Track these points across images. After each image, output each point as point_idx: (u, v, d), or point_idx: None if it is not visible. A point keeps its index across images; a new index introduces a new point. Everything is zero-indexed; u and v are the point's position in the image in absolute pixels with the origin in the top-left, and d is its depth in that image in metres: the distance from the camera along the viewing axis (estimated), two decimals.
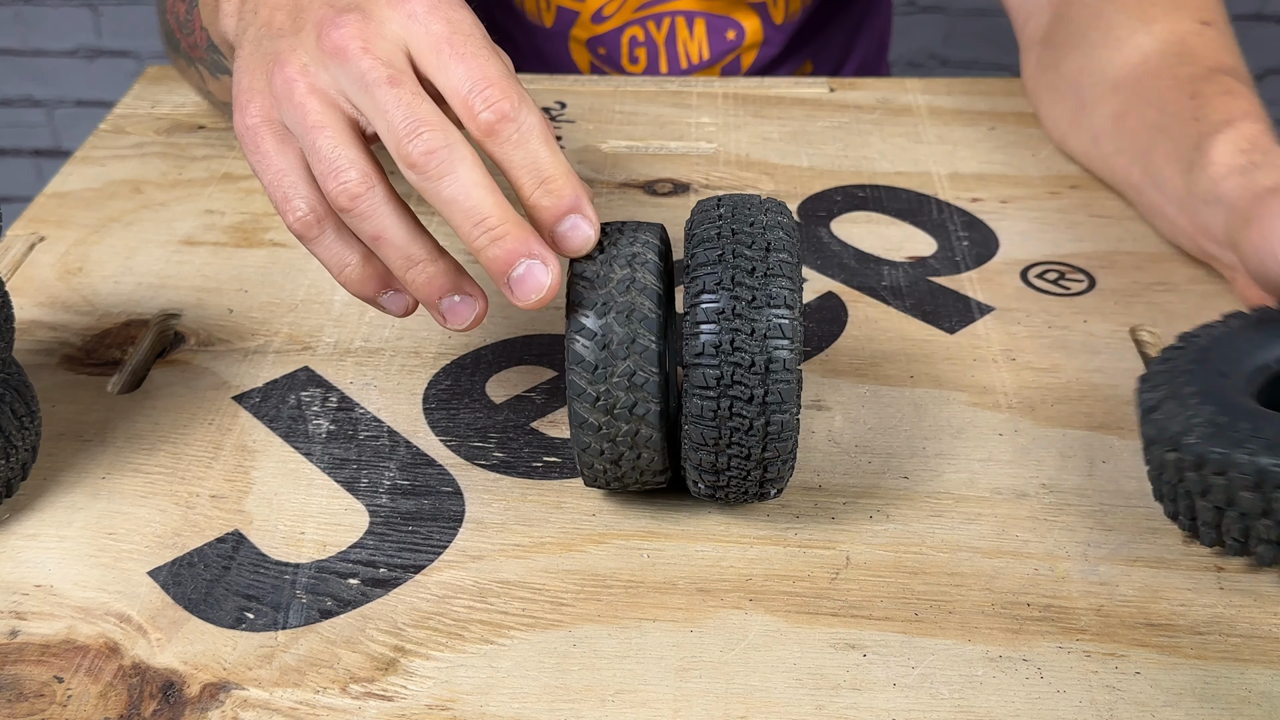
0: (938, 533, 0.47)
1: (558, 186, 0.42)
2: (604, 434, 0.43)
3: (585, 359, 0.42)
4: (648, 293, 0.42)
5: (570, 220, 0.42)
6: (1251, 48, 2.03)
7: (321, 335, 0.58)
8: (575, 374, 0.42)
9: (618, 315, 0.42)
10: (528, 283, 0.42)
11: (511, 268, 0.42)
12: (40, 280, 0.61)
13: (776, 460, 0.43)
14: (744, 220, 0.44)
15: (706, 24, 0.91)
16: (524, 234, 0.42)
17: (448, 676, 0.41)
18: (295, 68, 0.44)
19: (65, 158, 0.99)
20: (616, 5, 0.90)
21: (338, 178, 0.43)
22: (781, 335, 0.42)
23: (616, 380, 0.42)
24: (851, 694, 0.41)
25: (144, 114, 0.78)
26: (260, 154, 0.45)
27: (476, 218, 0.41)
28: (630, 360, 0.42)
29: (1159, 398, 0.45)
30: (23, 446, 0.47)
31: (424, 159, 0.41)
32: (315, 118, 0.43)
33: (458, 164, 0.41)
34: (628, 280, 0.42)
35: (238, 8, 0.51)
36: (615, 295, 0.42)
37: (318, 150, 0.43)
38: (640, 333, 0.42)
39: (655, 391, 0.42)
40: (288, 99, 0.44)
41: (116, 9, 1.90)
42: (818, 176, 0.70)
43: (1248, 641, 0.43)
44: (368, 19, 0.43)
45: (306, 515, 0.48)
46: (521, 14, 0.94)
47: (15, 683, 0.41)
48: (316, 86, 0.44)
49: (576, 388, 0.42)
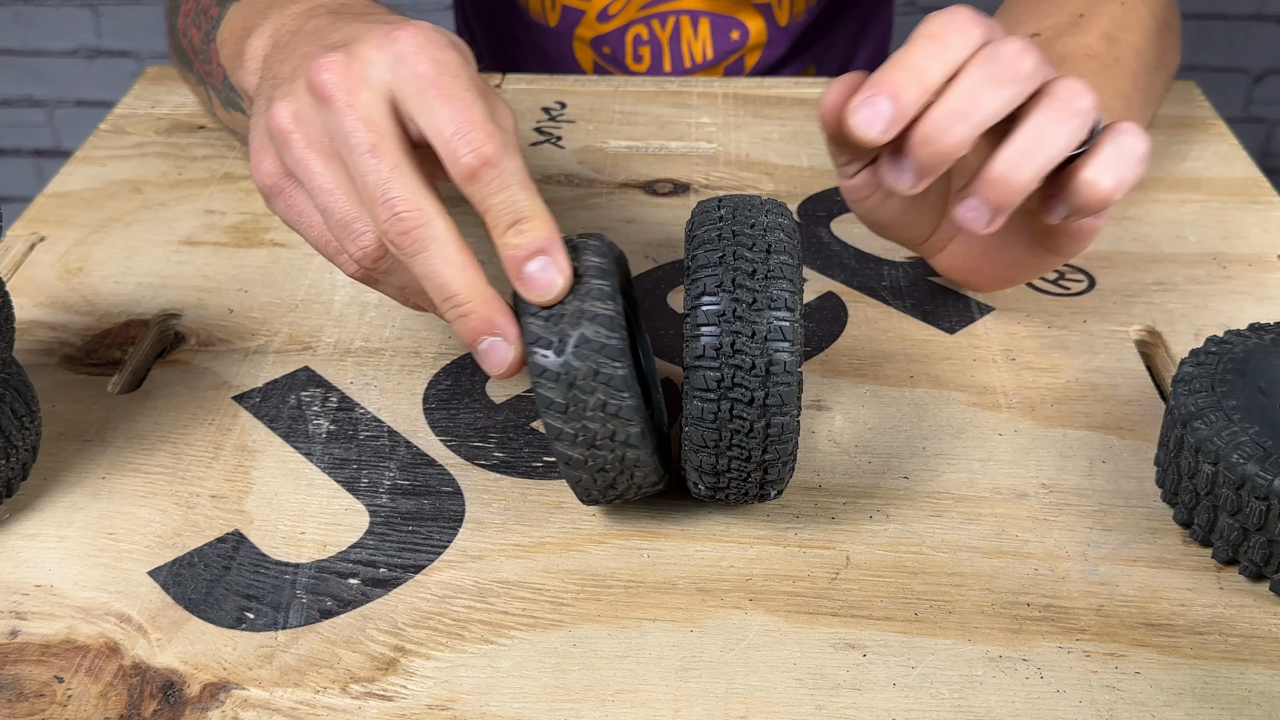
0: (938, 533, 0.47)
1: (531, 228, 0.41)
2: (591, 465, 0.42)
3: (555, 400, 0.41)
4: (599, 320, 0.41)
5: (539, 261, 0.41)
6: (1251, 48, 2.03)
7: (322, 335, 0.58)
8: (548, 416, 0.41)
9: (575, 351, 0.41)
10: (491, 358, 0.42)
11: (476, 341, 0.42)
12: (40, 280, 0.61)
13: (777, 462, 0.43)
14: (745, 222, 0.44)
15: (711, 24, 0.91)
16: (488, 311, 0.42)
17: (448, 676, 0.41)
18: (288, 115, 0.44)
19: (65, 158, 1.00)
20: (622, 4, 0.91)
21: (356, 243, 0.43)
22: (782, 338, 0.42)
23: (590, 415, 0.41)
24: (851, 694, 0.41)
25: (144, 114, 0.78)
26: (294, 211, 0.46)
27: (445, 294, 0.42)
28: (599, 393, 0.41)
29: (1200, 405, 0.45)
30: (23, 446, 0.47)
31: (398, 237, 0.41)
32: (321, 180, 0.43)
33: (429, 243, 0.41)
34: (577, 313, 0.41)
35: (261, 57, 0.52)
36: (568, 330, 0.41)
37: (331, 214, 0.44)
38: (603, 363, 0.41)
39: (632, 415, 0.41)
40: (287, 153, 0.44)
41: (116, 9, 1.90)
42: (818, 176, 0.70)
43: (1248, 641, 0.43)
44: (352, 59, 0.43)
45: (306, 515, 0.48)
46: (525, 12, 0.94)
47: (15, 683, 0.41)
48: (312, 140, 0.44)
49: (553, 429, 0.42)
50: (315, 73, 0.43)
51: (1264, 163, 1.92)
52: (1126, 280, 0.61)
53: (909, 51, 0.45)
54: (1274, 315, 0.59)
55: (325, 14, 0.50)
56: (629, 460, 0.42)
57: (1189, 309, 0.59)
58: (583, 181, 0.70)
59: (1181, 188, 0.69)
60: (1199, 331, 0.58)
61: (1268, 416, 0.44)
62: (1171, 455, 0.46)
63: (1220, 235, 0.65)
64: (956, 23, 0.45)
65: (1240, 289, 0.61)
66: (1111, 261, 0.63)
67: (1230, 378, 0.46)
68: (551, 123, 0.76)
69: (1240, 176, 0.70)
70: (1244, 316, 0.59)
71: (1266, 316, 0.58)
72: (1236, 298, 0.60)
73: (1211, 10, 1.79)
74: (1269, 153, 1.95)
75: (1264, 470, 0.42)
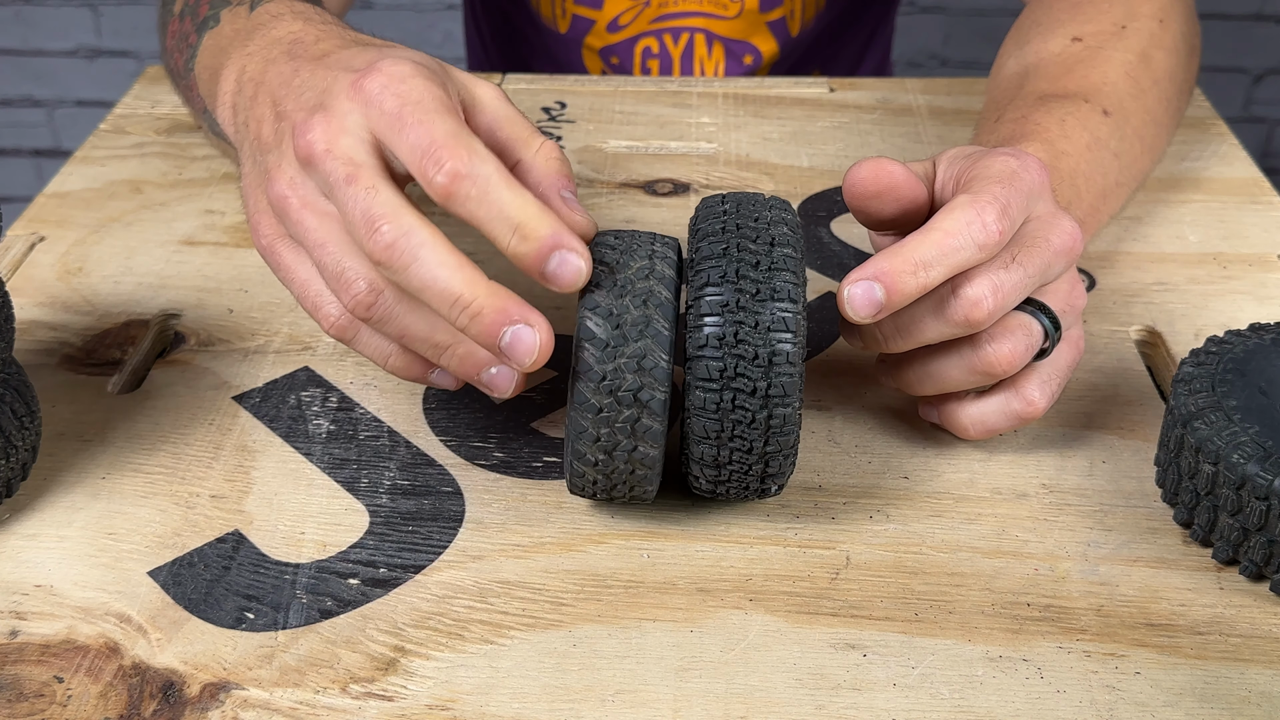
0: (938, 533, 0.47)
1: (531, 230, 0.41)
2: (604, 416, 0.42)
3: (597, 336, 0.42)
4: (665, 282, 0.42)
5: (556, 258, 0.41)
6: (1251, 48, 2.03)
7: (321, 335, 0.58)
8: (585, 351, 0.42)
9: (634, 298, 0.42)
10: (518, 348, 0.41)
11: (498, 339, 0.41)
12: (40, 280, 0.61)
13: (778, 454, 0.43)
14: (748, 216, 0.44)
15: (725, 48, 0.91)
16: (500, 302, 0.41)
17: (448, 676, 0.41)
18: (284, 183, 0.45)
19: (65, 158, 1.00)
20: (632, 15, 0.91)
21: (348, 291, 0.43)
22: (785, 328, 0.42)
23: (626, 361, 0.42)
24: (851, 694, 0.41)
25: (144, 114, 0.78)
26: (283, 269, 0.47)
27: (449, 300, 0.41)
28: (642, 343, 0.41)
29: (1200, 405, 0.45)
30: (23, 446, 0.47)
31: (385, 254, 0.41)
32: (314, 235, 0.44)
33: (418, 250, 0.41)
34: (646, 270, 0.43)
35: (231, 104, 0.53)
36: (634, 280, 0.42)
37: (324, 267, 0.44)
38: (654, 317, 0.42)
39: (663, 379, 0.42)
40: (285, 218, 0.45)
41: (116, 9, 1.90)
42: (818, 176, 0.70)
43: (1248, 641, 0.43)
44: (330, 115, 0.43)
45: (306, 515, 0.48)
46: (536, 16, 0.94)
47: (15, 683, 0.41)
48: (307, 200, 0.44)
49: (585, 364, 0.42)
50: (299, 140, 0.44)
51: (1264, 163, 1.92)
52: (1126, 280, 0.61)
53: (930, 242, 0.45)
54: (1274, 315, 0.59)
55: (284, 59, 0.50)
56: (640, 428, 0.42)
57: (1189, 309, 0.59)
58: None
59: (1181, 188, 0.69)
60: (1199, 331, 0.58)
61: (1268, 416, 0.44)
62: (1172, 455, 0.46)
63: (1220, 235, 0.65)
64: (981, 229, 0.45)
65: (1240, 289, 0.61)
66: (1111, 261, 0.63)
67: (1230, 378, 0.46)
68: (551, 123, 0.76)
69: (1240, 176, 0.70)
70: (1244, 316, 0.58)
71: (1266, 316, 0.58)
72: (1236, 298, 0.60)
73: (1211, 10, 1.79)
74: (1269, 153, 1.95)
75: (1264, 470, 0.42)
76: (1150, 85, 0.62)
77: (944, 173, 0.49)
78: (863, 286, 0.44)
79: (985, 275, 0.45)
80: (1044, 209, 0.48)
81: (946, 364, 0.48)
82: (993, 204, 0.45)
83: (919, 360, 0.49)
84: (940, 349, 0.48)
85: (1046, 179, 0.48)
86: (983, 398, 0.49)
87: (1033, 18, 0.67)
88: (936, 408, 0.51)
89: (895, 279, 0.44)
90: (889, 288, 0.44)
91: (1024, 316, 0.47)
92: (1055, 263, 0.47)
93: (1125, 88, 0.61)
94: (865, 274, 0.44)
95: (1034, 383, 0.48)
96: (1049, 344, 0.47)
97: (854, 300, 0.44)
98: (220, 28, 0.58)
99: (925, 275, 0.44)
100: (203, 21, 0.60)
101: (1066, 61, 0.62)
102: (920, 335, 0.47)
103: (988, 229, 0.44)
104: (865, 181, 0.48)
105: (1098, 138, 0.57)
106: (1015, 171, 0.47)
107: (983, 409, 0.49)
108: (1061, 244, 0.47)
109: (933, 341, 0.47)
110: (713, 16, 0.91)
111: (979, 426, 0.49)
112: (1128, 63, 0.62)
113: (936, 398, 0.50)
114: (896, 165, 0.48)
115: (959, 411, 0.49)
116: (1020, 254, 0.46)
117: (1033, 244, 0.46)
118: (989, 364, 0.47)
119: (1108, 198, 0.58)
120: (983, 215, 0.45)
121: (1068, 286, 0.49)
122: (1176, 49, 0.65)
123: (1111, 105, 0.59)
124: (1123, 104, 0.60)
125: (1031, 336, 0.47)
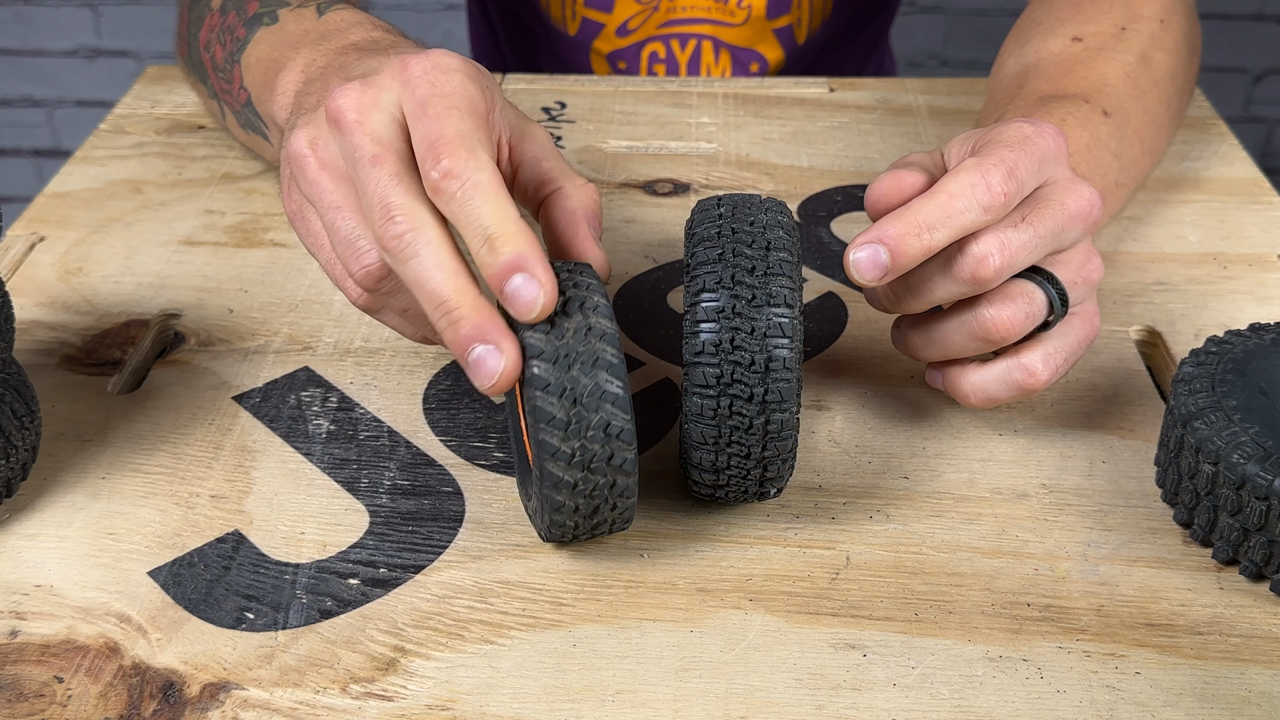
0: (938, 533, 0.47)
1: (501, 244, 0.41)
2: (581, 490, 0.41)
3: (556, 416, 0.40)
4: (606, 338, 0.41)
5: (515, 280, 0.41)
6: (1251, 48, 2.03)
7: (321, 335, 0.58)
8: (547, 433, 0.40)
9: (582, 367, 0.40)
10: (480, 368, 0.41)
11: (467, 350, 0.41)
12: (40, 280, 0.61)
13: (776, 459, 0.43)
14: (744, 219, 0.44)
15: (731, 56, 0.91)
16: (480, 318, 0.41)
17: (448, 676, 0.41)
18: (305, 141, 0.45)
19: (65, 158, 1.00)
20: (641, 19, 0.91)
21: (359, 260, 0.44)
22: (781, 334, 0.42)
23: (591, 434, 0.40)
24: (851, 694, 0.41)
25: (144, 114, 0.78)
26: (311, 235, 0.47)
27: (436, 300, 0.41)
28: (602, 412, 0.40)
29: (1200, 405, 0.45)
30: (23, 446, 0.47)
31: (392, 243, 0.42)
32: (330, 198, 0.44)
33: (421, 248, 0.41)
34: (583, 327, 0.41)
35: (291, 102, 0.54)
36: (574, 345, 0.40)
37: (336, 231, 0.44)
38: (607, 380, 0.40)
39: (630, 438, 0.41)
40: (301, 176, 0.45)
41: (116, 9, 1.90)
42: (818, 176, 0.70)
43: (1248, 641, 0.43)
44: (368, 86, 0.44)
45: (306, 515, 0.48)
46: (547, 18, 0.94)
47: (15, 683, 0.41)
48: (326, 161, 0.45)
49: (549, 448, 0.40)
50: (332, 99, 0.44)
51: (1264, 163, 1.92)
52: (1126, 280, 0.61)
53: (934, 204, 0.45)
54: (1274, 315, 0.59)
55: (354, 50, 0.52)
56: (619, 487, 0.42)
57: (1189, 309, 0.59)
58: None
59: (1181, 188, 0.69)
60: (1199, 331, 0.58)
61: (1268, 416, 0.44)
62: (1172, 455, 0.46)
63: (1220, 235, 0.65)
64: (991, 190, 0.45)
65: (1240, 289, 0.61)
66: (1111, 261, 0.63)
67: (1230, 378, 0.46)
68: (551, 123, 0.76)
69: (1240, 176, 0.70)
70: (1244, 316, 0.58)
71: (1266, 316, 0.58)
72: (1236, 298, 0.60)
73: (1211, 10, 1.79)
74: (1269, 153, 1.95)
75: (1264, 470, 0.42)
76: (1150, 86, 0.62)
77: (957, 153, 0.49)
78: (868, 250, 0.44)
79: (993, 233, 0.45)
80: (1061, 174, 0.48)
81: (948, 328, 0.48)
82: (999, 166, 0.45)
83: (923, 324, 0.49)
84: (944, 314, 0.48)
85: (1064, 145, 0.48)
86: (985, 365, 0.49)
87: (1033, 17, 0.67)
88: (941, 372, 0.50)
89: (900, 241, 0.44)
90: (893, 250, 0.44)
91: (1027, 284, 0.47)
92: (1069, 227, 0.46)
93: (1125, 89, 0.61)
94: (869, 237, 0.44)
95: (1038, 354, 0.48)
96: (1053, 316, 0.47)
97: (859, 264, 0.45)
98: (281, 25, 0.59)
99: (929, 237, 0.44)
100: (253, 17, 0.61)
101: (1067, 62, 0.62)
102: (930, 295, 0.47)
103: (992, 190, 0.44)
104: (888, 196, 0.48)
105: (1097, 138, 0.57)
106: (1028, 136, 0.47)
107: (984, 376, 0.49)
108: (1077, 208, 0.47)
109: (944, 301, 0.47)
110: (720, 24, 0.91)
111: (979, 394, 0.49)
112: (1128, 64, 0.62)
113: (942, 363, 0.50)
114: (913, 174, 0.48)
115: (961, 378, 0.49)
116: (1031, 215, 0.46)
117: (1045, 206, 0.46)
118: (986, 329, 0.46)
119: (1107, 198, 0.58)
120: (987, 177, 0.45)
121: (1082, 257, 0.48)
122: (1177, 50, 0.65)
123: (1111, 106, 0.59)
124: (1122, 105, 0.60)
125: (1034, 305, 0.47)
